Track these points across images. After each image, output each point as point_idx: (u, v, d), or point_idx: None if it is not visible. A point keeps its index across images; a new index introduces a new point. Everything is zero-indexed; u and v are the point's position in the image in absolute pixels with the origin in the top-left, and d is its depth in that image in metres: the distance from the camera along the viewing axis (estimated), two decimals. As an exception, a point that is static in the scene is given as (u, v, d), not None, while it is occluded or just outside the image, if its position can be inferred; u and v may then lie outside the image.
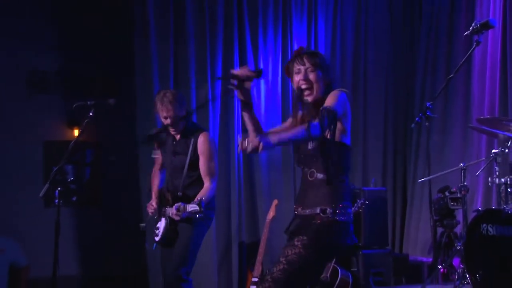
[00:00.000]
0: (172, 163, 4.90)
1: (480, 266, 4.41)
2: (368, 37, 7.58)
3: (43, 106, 6.83)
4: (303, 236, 3.13)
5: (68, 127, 6.87)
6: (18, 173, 6.57)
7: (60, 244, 4.55)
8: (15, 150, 6.63)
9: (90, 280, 6.81)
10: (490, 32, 6.23)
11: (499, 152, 4.82)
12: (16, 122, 6.66)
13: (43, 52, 6.84)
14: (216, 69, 6.71)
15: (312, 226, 3.15)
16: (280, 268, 3.10)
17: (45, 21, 6.84)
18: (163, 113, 4.74)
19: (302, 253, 3.10)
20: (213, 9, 6.71)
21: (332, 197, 3.18)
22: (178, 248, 4.70)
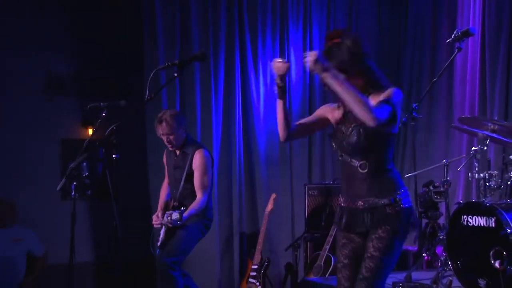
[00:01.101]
0: (173, 176, 5.03)
1: (461, 254, 4.40)
2: (359, 43, 7.58)
3: (60, 107, 6.83)
4: (380, 229, 2.98)
5: (83, 127, 6.89)
6: (37, 168, 6.58)
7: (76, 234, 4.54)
8: (35, 147, 6.64)
9: (103, 266, 6.86)
10: (470, 40, 6.21)
11: (478, 150, 4.81)
12: (36, 122, 6.67)
13: (61, 58, 6.85)
14: (219, 72, 6.72)
15: (387, 217, 2.99)
16: (369, 266, 2.96)
17: (63, 29, 6.85)
18: (161, 132, 4.86)
19: (387, 244, 2.97)
20: (216, 18, 6.73)
21: (393, 185, 3.05)
22: (169, 244, 4.79)
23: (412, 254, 6.43)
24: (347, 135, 3.07)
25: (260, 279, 6.10)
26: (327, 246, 5.57)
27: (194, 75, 6.55)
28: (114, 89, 6.62)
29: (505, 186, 4.74)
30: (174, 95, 6.46)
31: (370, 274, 2.95)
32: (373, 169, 3.03)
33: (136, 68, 6.44)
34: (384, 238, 2.97)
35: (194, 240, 4.94)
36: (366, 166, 3.02)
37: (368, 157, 3.03)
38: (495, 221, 4.18)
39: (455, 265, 4.43)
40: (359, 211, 3.06)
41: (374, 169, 3.03)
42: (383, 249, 2.96)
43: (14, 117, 6.53)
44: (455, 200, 6.08)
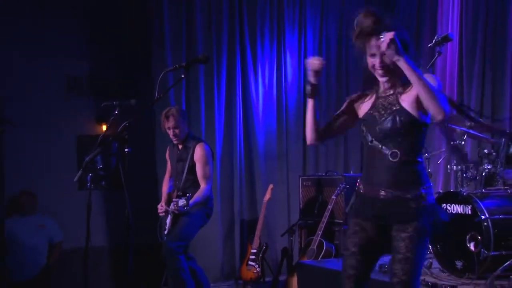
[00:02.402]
0: (176, 168, 5.05)
1: (440, 239, 4.40)
2: (348, 47, 7.57)
3: (77, 106, 6.84)
4: (408, 227, 2.65)
5: (97, 123, 6.89)
6: (56, 161, 6.59)
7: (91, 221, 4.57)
8: (54, 142, 6.64)
9: (116, 250, 6.89)
10: (449, 44, 6.23)
11: (457, 144, 4.84)
12: (55, 119, 6.67)
13: (78, 62, 6.85)
14: (221, 73, 6.74)
15: (413, 213, 2.67)
16: (406, 269, 2.63)
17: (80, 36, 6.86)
18: (167, 125, 4.87)
19: (418, 244, 2.65)
20: (219, 24, 6.75)
21: (421, 179, 2.72)
22: (174, 230, 4.82)
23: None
24: (381, 121, 2.74)
25: (259, 262, 6.13)
26: (319, 232, 5.58)
27: (198, 77, 6.57)
28: (126, 90, 6.63)
29: (480, 177, 4.74)
30: (181, 95, 6.48)
31: (408, 277, 2.63)
32: (404, 159, 2.69)
33: (146, 71, 6.47)
34: (414, 237, 2.64)
35: (196, 227, 4.96)
36: (397, 155, 2.69)
37: (401, 146, 2.69)
38: (471, 209, 4.18)
39: (435, 248, 4.43)
40: (380, 201, 2.74)
41: (404, 159, 2.69)
42: (416, 250, 2.65)
43: (36, 115, 6.55)
44: (436, 190, 6.08)
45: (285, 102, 7.13)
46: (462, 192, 4.32)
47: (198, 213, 4.87)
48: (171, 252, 4.67)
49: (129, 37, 6.83)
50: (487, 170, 4.72)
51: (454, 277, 4.19)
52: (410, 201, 2.68)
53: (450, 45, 6.41)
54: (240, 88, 6.88)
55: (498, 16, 6.22)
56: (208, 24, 6.69)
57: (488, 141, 4.98)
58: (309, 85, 2.86)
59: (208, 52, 6.52)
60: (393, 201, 2.70)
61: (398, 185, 2.70)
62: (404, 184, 2.70)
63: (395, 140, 2.70)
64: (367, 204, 2.80)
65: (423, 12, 7.15)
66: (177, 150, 5.06)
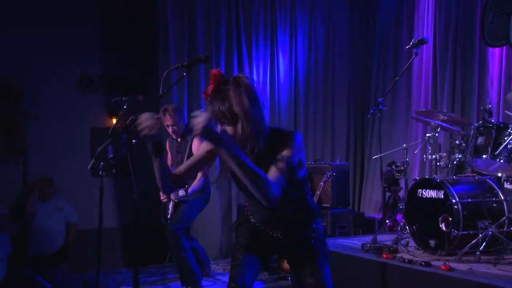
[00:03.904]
0: (176, 159, 5.02)
1: (416, 220, 4.42)
2: (335, 48, 7.59)
3: (90, 101, 6.85)
4: (314, 261, 2.45)
5: (108, 117, 6.91)
6: (72, 151, 6.61)
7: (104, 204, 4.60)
8: (70, 134, 6.66)
9: (126, 230, 6.92)
10: (424, 47, 6.24)
11: (431, 136, 4.82)
12: (70, 113, 6.69)
13: (91, 61, 6.87)
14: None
15: (314, 247, 2.46)
16: None
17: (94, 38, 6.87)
18: (166, 122, 4.85)
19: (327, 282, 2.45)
20: (218, 27, 6.72)
21: (311, 209, 2.50)
22: (176, 214, 4.83)
23: (377, 221, 6.50)
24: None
25: (254, 241, 6.14)
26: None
27: (199, 75, 6.55)
28: (134, 87, 6.64)
29: (451, 165, 4.78)
30: (183, 91, 6.46)
31: None
32: (288, 201, 2.37)
33: (152, 70, 6.46)
34: (321, 274, 2.45)
35: (196, 211, 4.96)
36: (283, 202, 2.26)
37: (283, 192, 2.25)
38: (443, 194, 4.19)
39: (411, 229, 4.44)
40: (276, 241, 2.49)
41: (288, 200, 2.37)
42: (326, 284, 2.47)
43: (55, 110, 6.57)
44: (412, 177, 6.13)
45: (277, 97, 7.14)
46: (436, 179, 4.33)
47: (196, 199, 4.87)
48: (173, 234, 4.68)
49: (137, 40, 6.84)
50: (457, 159, 4.76)
51: (428, 254, 4.20)
52: None
53: (426, 47, 6.43)
54: (237, 85, 6.86)
55: (467, 22, 6.21)
56: (208, 27, 6.67)
57: (459, 133, 4.99)
58: (150, 144, 2.26)
59: (208, 53, 6.50)
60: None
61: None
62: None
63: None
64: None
65: (401, 18, 7.15)
66: (176, 142, 5.04)
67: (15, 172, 6.15)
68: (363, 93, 7.72)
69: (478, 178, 4.40)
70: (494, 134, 4.27)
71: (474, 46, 6.12)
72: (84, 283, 5.28)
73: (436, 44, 6.51)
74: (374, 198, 7.21)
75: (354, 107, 7.75)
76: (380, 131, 5.73)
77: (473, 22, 6.14)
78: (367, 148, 7.61)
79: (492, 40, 5.91)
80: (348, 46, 7.64)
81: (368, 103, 7.59)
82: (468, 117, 5.97)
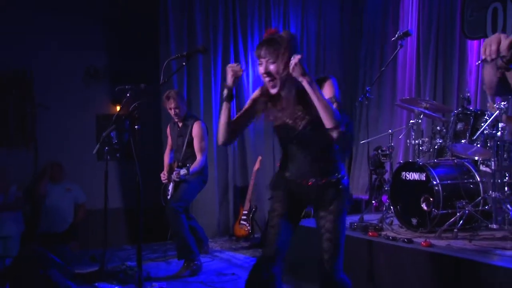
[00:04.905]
0: (177, 142, 5.02)
1: (400, 201, 4.44)
2: (326, 41, 7.56)
3: (96, 90, 6.84)
4: (333, 204, 2.57)
5: (112, 104, 6.89)
6: (80, 137, 6.62)
7: (109, 186, 4.62)
8: (77, 120, 6.66)
9: (129, 211, 6.94)
10: (409, 39, 6.22)
11: (415, 122, 4.84)
12: (77, 102, 6.68)
13: (97, 53, 6.86)
14: (217, 62, 6.71)
15: (337, 192, 2.58)
16: None
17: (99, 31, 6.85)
18: (169, 106, 4.83)
19: (341, 222, 2.58)
20: (216, 22, 6.70)
21: (338, 163, 2.63)
22: (176, 194, 4.83)
23: (364, 202, 6.54)
24: (300, 128, 2.54)
25: (249, 221, 6.18)
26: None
27: (198, 65, 6.55)
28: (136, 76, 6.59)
29: (433, 150, 4.79)
30: (183, 80, 6.46)
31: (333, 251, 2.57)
32: (323, 152, 2.60)
33: (153, 60, 6.44)
34: (338, 215, 2.59)
35: (195, 192, 4.97)
36: (318, 152, 2.59)
37: (320, 143, 2.57)
38: (425, 176, 4.22)
39: (395, 208, 4.47)
40: (307, 187, 2.63)
41: (323, 151, 2.60)
42: (339, 225, 2.60)
43: (63, 98, 6.57)
44: (397, 160, 6.10)
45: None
46: (418, 162, 4.35)
47: (195, 180, 4.87)
48: (173, 211, 4.69)
49: (140, 32, 6.81)
50: (438, 144, 4.76)
51: (410, 231, 4.23)
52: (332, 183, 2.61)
53: (410, 39, 6.40)
54: (233, 75, 6.84)
55: (448, 16, 6.20)
56: (206, 21, 6.63)
57: (440, 120, 5.00)
58: (226, 89, 2.57)
59: (206, 44, 6.49)
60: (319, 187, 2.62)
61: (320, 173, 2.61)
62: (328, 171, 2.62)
63: (309, 141, 2.57)
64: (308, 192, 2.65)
65: (387, 12, 7.12)
66: (177, 127, 5.04)
67: (27, 157, 6.15)
68: (351, 82, 7.71)
69: (457, 161, 4.43)
70: (472, 121, 4.29)
71: (454, 38, 6.12)
72: (92, 259, 5.31)
73: (419, 37, 6.50)
74: (361, 180, 7.22)
75: (343, 96, 7.72)
76: (367, 117, 5.75)
77: (453, 16, 6.13)
78: (355, 133, 7.61)
79: (471, 33, 5.92)
80: (337, 39, 7.61)
81: (356, 92, 7.58)
82: (448, 105, 5.98)
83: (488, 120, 4.15)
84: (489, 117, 4.19)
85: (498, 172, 4.06)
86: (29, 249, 4.26)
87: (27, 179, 6.01)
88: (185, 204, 4.89)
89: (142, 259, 3.25)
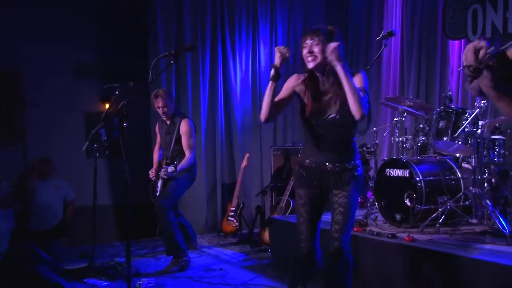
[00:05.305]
0: (165, 140, 5.00)
1: (384, 197, 4.48)
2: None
3: (84, 87, 6.79)
4: (349, 186, 2.79)
5: (101, 102, 6.85)
6: (69, 134, 6.56)
7: (98, 183, 4.60)
8: (66, 118, 6.61)
9: (118, 207, 6.91)
10: (393, 38, 6.28)
11: (399, 120, 4.88)
12: (66, 99, 6.63)
13: (85, 50, 6.81)
14: (205, 60, 6.69)
15: (352, 176, 2.81)
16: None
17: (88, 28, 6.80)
18: (157, 104, 4.82)
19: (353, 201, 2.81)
20: (204, 20, 6.68)
21: (355, 153, 2.89)
22: (164, 191, 4.82)
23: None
24: (327, 113, 2.78)
25: (237, 217, 6.18)
26: (287, 193, 5.59)
27: (186, 63, 6.53)
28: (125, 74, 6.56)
29: (416, 147, 4.83)
30: (171, 78, 6.43)
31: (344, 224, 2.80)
32: (345, 141, 2.84)
33: (142, 58, 6.41)
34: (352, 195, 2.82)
35: (183, 189, 4.96)
36: (340, 139, 2.83)
37: (343, 132, 2.81)
38: (408, 172, 4.26)
39: (379, 204, 4.51)
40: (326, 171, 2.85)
41: (344, 140, 2.84)
42: (352, 203, 2.82)
43: (51, 95, 6.51)
44: (381, 157, 6.17)
45: (259, 84, 7.14)
46: (402, 159, 4.39)
47: (184, 177, 4.87)
48: (161, 208, 4.68)
49: (129, 30, 6.78)
50: (421, 141, 4.81)
51: (394, 227, 4.28)
52: (350, 169, 2.86)
53: (394, 39, 6.46)
54: (221, 73, 6.85)
55: (430, 17, 6.26)
56: (194, 19, 6.61)
57: (423, 118, 5.05)
58: (274, 69, 2.79)
59: (194, 42, 6.48)
60: (337, 171, 2.86)
61: (341, 160, 2.86)
62: (345, 159, 2.86)
63: (336, 128, 2.81)
64: (325, 175, 2.88)
65: (372, 12, 7.16)
66: (165, 125, 5.02)
67: (16, 154, 6.10)
68: (337, 81, 7.73)
69: (439, 158, 4.48)
70: (454, 119, 4.34)
71: (436, 39, 6.17)
72: (81, 255, 5.29)
73: (403, 37, 6.55)
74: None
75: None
76: (353, 115, 5.74)
77: (436, 17, 6.18)
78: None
79: (452, 33, 5.98)
80: (323, 38, 7.63)
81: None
82: (431, 103, 6.04)
83: (469, 118, 4.21)
84: (470, 115, 4.24)
85: (478, 168, 4.12)
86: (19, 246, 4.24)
87: (16, 176, 5.97)
88: (173, 201, 4.89)
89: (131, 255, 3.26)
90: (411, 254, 3.53)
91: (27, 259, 3.88)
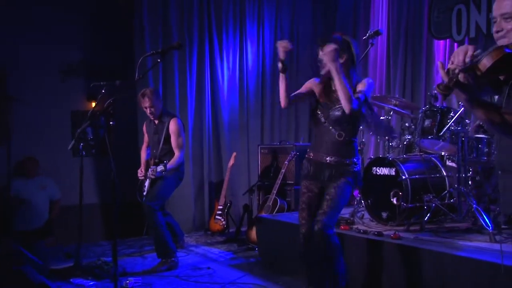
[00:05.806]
0: (153, 140, 4.96)
1: (371, 195, 4.50)
2: (299, 38, 7.59)
3: (70, 86, 6.74)
4: (342, 179, 3.09)
5: (87, 101, 6.81)
6: (55, 132, 6.51)
7: (84, 182, 4.56)
8: (52, 117, 6.56)
9: (105, 206, 6.87)
10: (379, 38, 6.28)
11: (385, 119, 4.92)
12: (53, 97, 6.58)
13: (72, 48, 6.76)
14: (193, 59, 6.67)
15: (347, 171, 3.12)
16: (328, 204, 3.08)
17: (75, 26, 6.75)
18: (144, 104, 4.78)
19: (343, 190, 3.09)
20: (190, 19, 6.66)
21: (355, 152, 3.18)
22: (152, 191, 4.78)
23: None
24: (333, 108, 3.13)
25: (225, 216, 6.17)
26: (274, 191, 5.61)
27: (173, 62, 6.50)
28: (112, 72, 6.55)
29: (402, 146, 4.87)
30: (158, 77, 6.40)
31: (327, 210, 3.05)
32: (348, 139, 3.15)
33: (128, 56, 6.38)
34: (342, 186, 3.10)
35: (171, 189, 4.93)
36: (342, 135, 3.13)
37: (346, 130, 3.13)
38: (394, 171, 4.29)
39: (366, 203, 4.53)
40: (325, 164, 3.15)
41: (348, 139, 3.15)
42: (340, 193, 3.09)
43: (37, 94, 6.45)
44: (368, 156, 6.18)
45: (246, 83, 7.13)
46: (388, 158, 4.41)
47: (172, 177, 4.84)
48: (150, 209, 4.65)
49: (115, 29, 6.74)
50: (407, 140, 4.85)
51: (381, 225, 4.31)
52: (347, 165, 3.15)
53: (380, 38, 6.46)
54: (208, 71, 6.83)
55: (416, 17, 6.29)
56: (181, 17, 6.58)
57: (409, 116, 5.08)
58: (280, 62, 3.04)
59: (181, 41, 6.45)
60: (336, 165, 3.15)
61: (341, 155, 3.15)
62: (346, 155, 3.16)
63: (343, 125, 3.13)
64: (314, 167, 3.21)
65: (358, 11, 7.18)
66: (153, 124, 4.99)
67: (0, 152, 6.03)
68: (324, 80, 7.75)
69: (425, 156, 4.52)
70: (439, 117, 4.37)
71: (422, 38, 6.21)
72: (67, 255, 5.24)
73: (389, 36, 6.58)
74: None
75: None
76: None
77: (421, 17, 6.23)
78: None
79: (437, 33, 6.03)
80: (310, 36, 7.65)
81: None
82: (416, 102, 6.07)
83: (454, 117, 4.24)
84: (455, 114, 4.28)
85: (463, 167, 4.16)
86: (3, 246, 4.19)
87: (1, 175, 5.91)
88: (162, 201, 4.86)
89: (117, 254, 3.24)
90: (397, 251, 3.55)
91: (11, 259, 3.84)
